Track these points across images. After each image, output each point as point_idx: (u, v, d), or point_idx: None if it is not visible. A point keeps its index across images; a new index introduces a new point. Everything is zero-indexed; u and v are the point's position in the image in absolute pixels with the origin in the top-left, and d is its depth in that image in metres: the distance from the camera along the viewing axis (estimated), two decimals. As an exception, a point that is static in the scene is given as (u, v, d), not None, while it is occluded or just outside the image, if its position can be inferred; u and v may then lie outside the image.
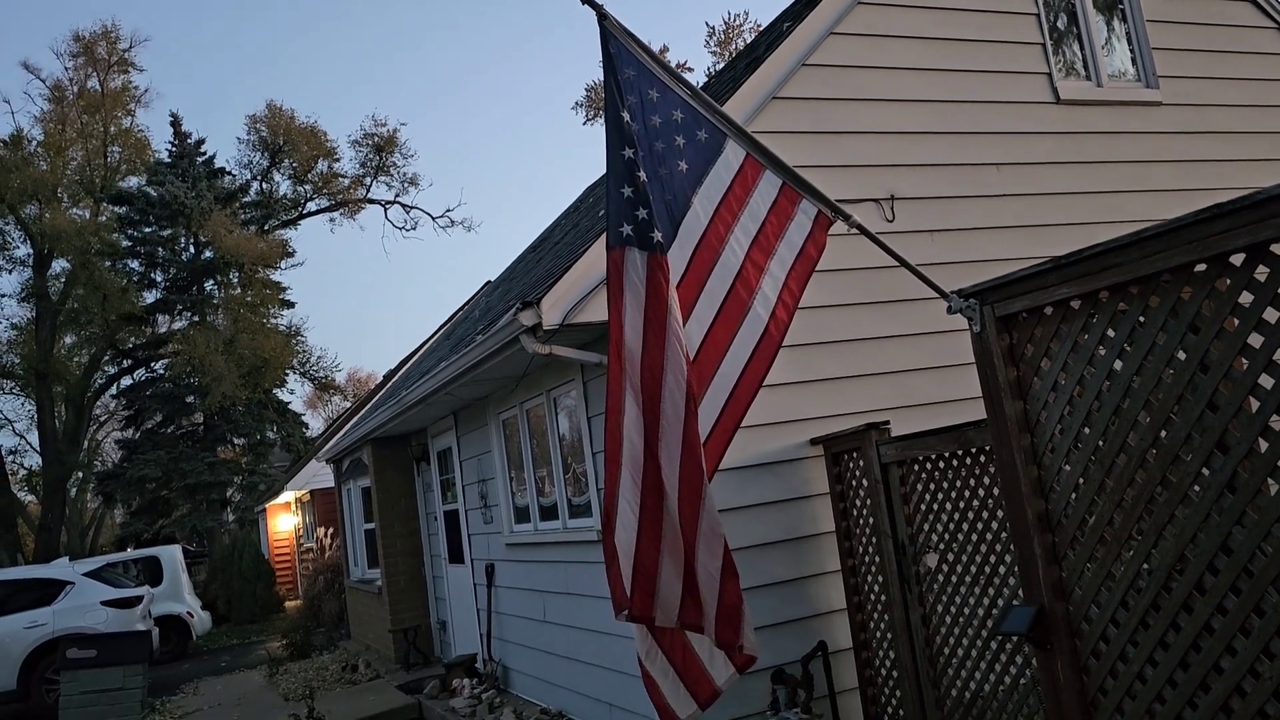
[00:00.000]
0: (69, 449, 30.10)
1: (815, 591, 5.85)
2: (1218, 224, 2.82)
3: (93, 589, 13.38)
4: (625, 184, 3.95)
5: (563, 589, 7.40)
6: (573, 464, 7.16)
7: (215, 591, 22.93)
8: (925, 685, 4.99)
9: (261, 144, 33.60)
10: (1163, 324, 3.09)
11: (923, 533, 4.97)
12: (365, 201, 35.95)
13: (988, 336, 3.74)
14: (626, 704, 6.40)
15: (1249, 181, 3.47)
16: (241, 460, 30.58)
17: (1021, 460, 3.64)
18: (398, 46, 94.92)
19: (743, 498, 5.73)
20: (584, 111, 31.18)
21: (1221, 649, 2.98)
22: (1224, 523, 2.94)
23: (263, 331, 29.26)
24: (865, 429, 5.32)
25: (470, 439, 9.49)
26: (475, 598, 9.72)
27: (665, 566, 3.91)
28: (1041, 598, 3.58)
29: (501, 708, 8.29)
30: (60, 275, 30.38)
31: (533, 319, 5.50)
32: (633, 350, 3.91)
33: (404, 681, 10.55)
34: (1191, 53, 7.83)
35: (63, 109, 30.61)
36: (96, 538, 41.22)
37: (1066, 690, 3.52)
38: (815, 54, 6.46)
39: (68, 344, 31.89)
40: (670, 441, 3.85)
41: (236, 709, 10.87)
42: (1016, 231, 6.72)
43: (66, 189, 29.98)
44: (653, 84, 4.04)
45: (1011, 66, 7.13)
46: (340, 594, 17.17)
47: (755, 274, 4.11)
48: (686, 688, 4.24)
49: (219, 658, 16.61)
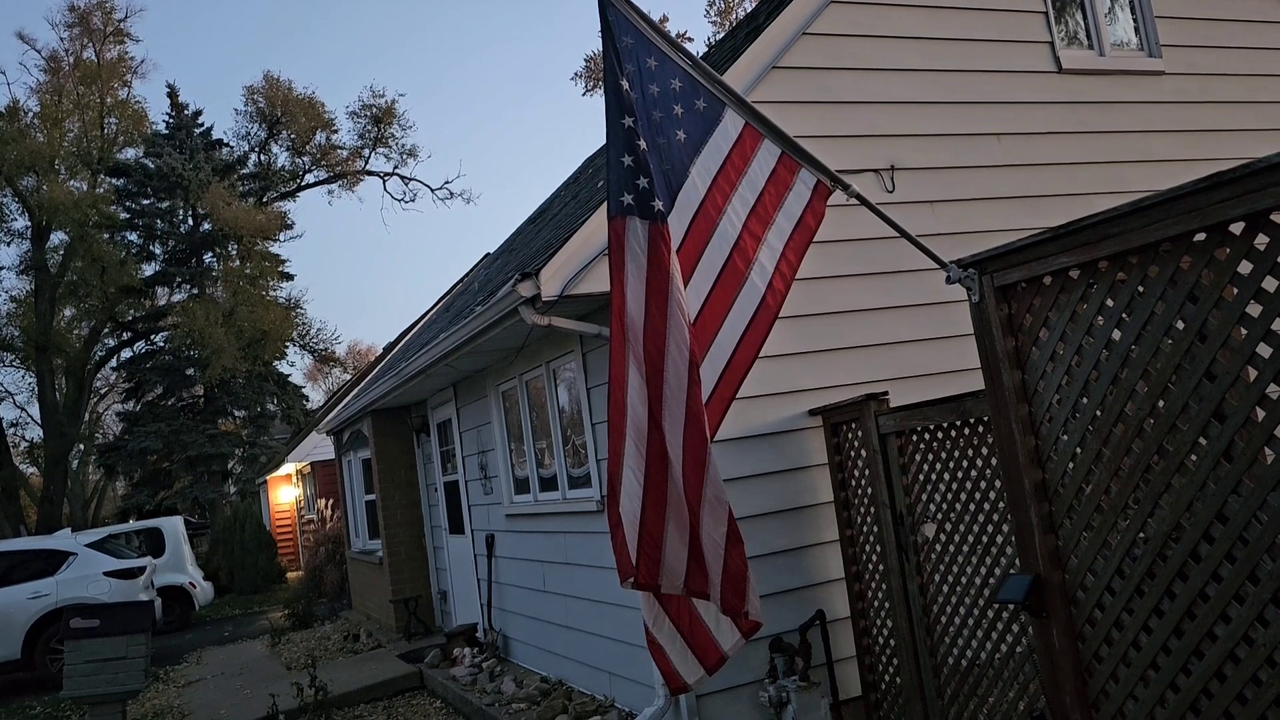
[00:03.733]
0: (70, 421, 30.15)
1: (813, 561, 5.88)
2: (1218, 193, 2.81)
3: (95, 560, 13.45)
4: (626, 153, 3.93)
5: (562, 559, 7.44)
6: (572, 435, 7.18)
7: (217, 563, 23.05)
8: (922, 654, 5.03)
9: (259, 115, 33.42)
10: (1161, 293, 3.09)
11: (921, 503, 4.99)
12: (364, 173, 35.82)
13: (986, 306, 3.73)
14: (626, 672, 6.45)
15: (1251, 151, 3.45)
16: (242, 432, 30.66)
17: (1019, 430, 3.65)
18: (396, 17, 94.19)
19: (742, 468, 5.75)
20: (583, 82, 30.97)
21: (1216, 616, 3.00)
22: (1220, 491, 2.95)
23: (262, 304, 29.25)
24: (864, 400, 5.33)
25: (470, 410, 9.51)
26: (475, 568, 9.78)
27: (671, 534, 3.93)
28: (1038, 566, 3.60)
29: (502, 676, 8.37)
30: (59, 248, 30.32)
31: (532, 290, 5.49)
32: (635, 320, 3.90)
33: (405, 651, 10.64)
34: (1194, 21, 7.76)
35: (59, 80, 30.41)
36: (98, 510, 41.40)
37: (1062, 658, 3.55)
38: (816, 22, 6.41)
39: (67, 316, 31.87)
40: (674, 410, 3.85)
41: (239, 678, 10.97)
42: (1017, 202, 6.70)
43: (64, 161, 29.83)
44: (651, 52, 4.00)
45: (1013, 36, 7.07)
46: (341, 565, 17.28)
47: (752, 244, 4.10)
48: (694, 653, 4.28)
49: (222, 628, 16.74)
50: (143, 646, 7.56)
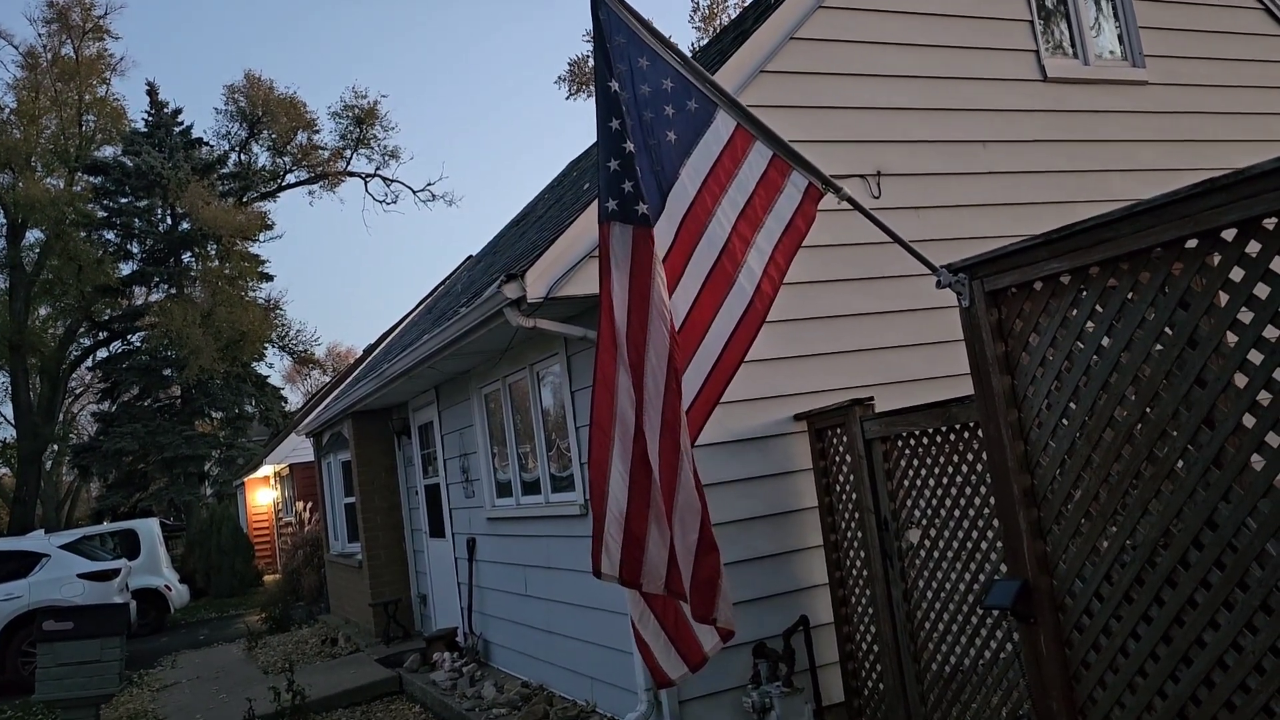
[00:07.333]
0: (44, 421, 29.78)
1: (797, 566, 5.87)
2: (1210, 199, 2.81)
3: (69, 561, 13.28)
4: (612, 157, 3.91)
5: (544, 563, 7.39)
6: (556, 439, 7.13)
7: (193, 565, 22.80)
8: (906, 659, 5.02)
9: (240, 115, 33.13)
10: (1153, 299, 3.09)
11: (905, 509, 4.98)
12: (345, 174, 35.56)
13: (976, 311, 3.73)
14: (609, 677, 6.41)
15: (1233, 161, 3.47)
16: (219, 434, 30.37)
17: (1008, 435, 3.64)
18: (379, 18, 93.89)
19: (727, 473, 5.72)
20: (567, 86, 30.88)
21: (1204, 623, 3.00)
22: (1209, 498, 2.96)
23: (241, 304, 28.96)
24: (849, 405, 5.32)
25: (452, 413, 9.45)
26: (456, 572, 9.71)
27: (652, 535, 3.92)
28: (1026, 572, 3.59)
29: (482, 681, 8.30)
30: (34, 245, 29.93)
31: (517, 292, 5.45)
32: (620, 325, 3.89)
33: (384, 655, 10.54)
34: (1179, 32, 7.83)
35: (36, 76, 30.04)
36: (72, 511, 40.94)
37: (1049, 663, 3.54)
38: (804, 27, 6.41)
39: (42, 315, 31.49)
40: (652, 417, 3.85)
41: (215, 682, 10.84)
42: (1003, 209, 6.72)
43: (40, 158, 29.46)
44: (643, 52, 3.98)
45: (999, 43, 7.10)
46: (320, 568, 17.13)
47: (741, 247, 4.08)
48: (678, 651, 4.28)
49: (197, 631, 16.56)
50: (117, 650, 7.47)
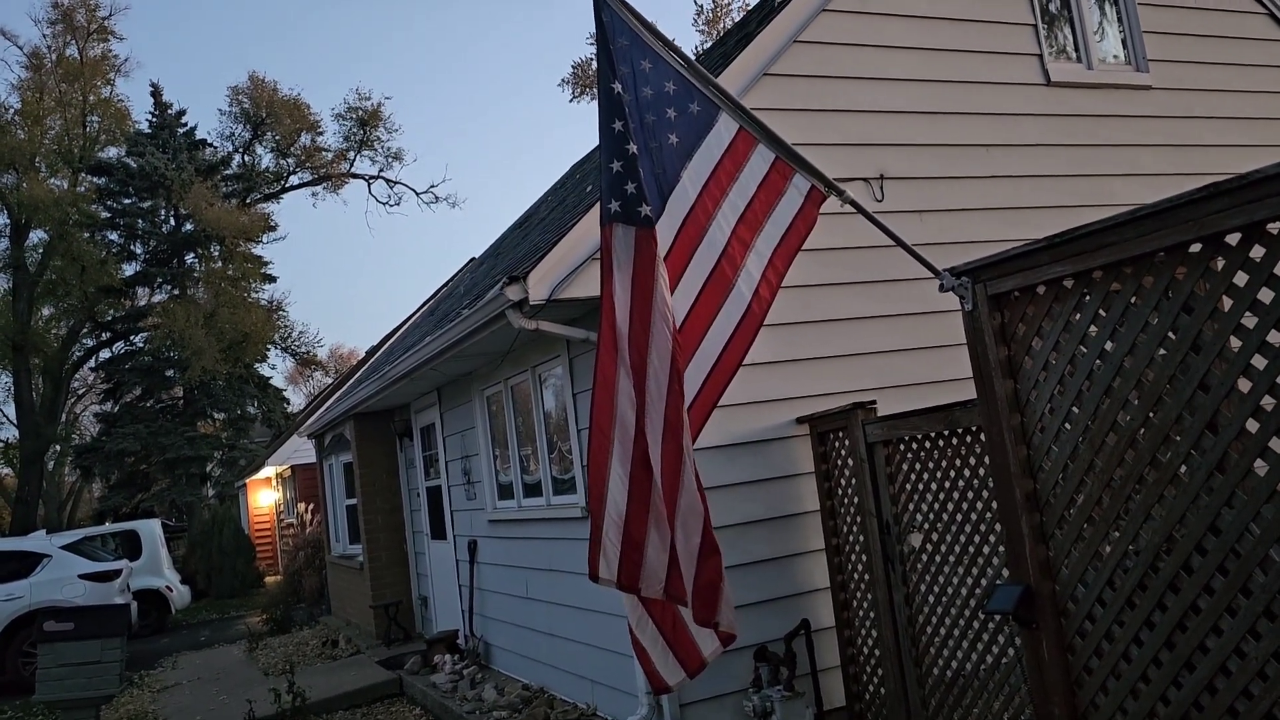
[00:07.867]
0: (46, 422, 29.81)
1: (799, 570, 5.86)
2: (1214, 203, 2.80)
3: (70, 562, 13.28)
4: (615, 158, 3.90)
5: (546, 565, 7.38)
6: (557, 441, 7.13)
7: (195, 566, 22.81)
8: (907, 664, 5.01)
9: (243, 116, 33.18)
10: (1156, 303, 3.08)
11: (907, 512, 4.97)
12: (348, 176, 35.60)
13: (979, 315, 3.72)
14: (609, 680, 6.40)
15: (1237, 166, 3.45)
16: (221, 435, 30.39)
17: (1011, 439, 3.63)
18: (383, 19, 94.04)
19: (728, 476, 5.71)
20: (570, 88, 30.88)
21: (1208, 629, 2.99)
22: (1213, 503, 2.94)
23: (244, 306, 29.00)
24: (851, 408, 5.31)
25: (454, 415, 9.44)
26: (457, 574, 9.70)
27: (652, 539, 3.90)
28: (1028, 577, 3.58)
29: (483, 683, 8.29)
30: (38, 246, 29.95)
31: (519, 294, 5.44)
32: (622, 326, 3.88)
33: (385, 657, 10.53)
34: (1182, 37, 7.82)
35: (41, 77, 30.10)
36: (74, 511, 40.94)
37: (1051, 669, 3.53)
38: (808, 30, 6.41)
39: (45, 315, 31.53)
40: (654, 419, 3.83)
41: (216, 683, 10.84)
42: (1005, 213, 6.71)
43: (44, 158, 29.52)
44: (645, 54, 3.97)
45: (1003, 47, 7.10)
46: (321, 569, 17.12)
47: (741, 250, 4.07)
48: (676, 656, 4.25)
49: (198, 632, 16.56)
50: (118, 650, 7.46)
